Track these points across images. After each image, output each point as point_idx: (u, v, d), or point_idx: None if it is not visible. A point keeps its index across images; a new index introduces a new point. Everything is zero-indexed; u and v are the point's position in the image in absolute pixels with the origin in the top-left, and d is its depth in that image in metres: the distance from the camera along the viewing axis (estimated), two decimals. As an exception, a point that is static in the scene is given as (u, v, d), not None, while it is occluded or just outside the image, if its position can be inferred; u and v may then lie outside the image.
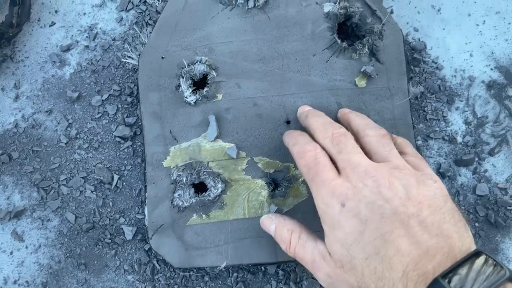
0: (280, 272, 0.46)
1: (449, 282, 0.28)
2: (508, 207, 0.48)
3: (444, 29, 0.51)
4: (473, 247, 0.31)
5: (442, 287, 0.27)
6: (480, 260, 0.29)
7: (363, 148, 0.37)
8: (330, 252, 0.33)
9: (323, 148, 0.36)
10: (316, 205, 0.35)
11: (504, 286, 0.28)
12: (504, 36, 0.51)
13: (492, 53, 0.51)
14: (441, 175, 0.48)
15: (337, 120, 0.43)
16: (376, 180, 0.32)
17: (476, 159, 0.49)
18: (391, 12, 0.51)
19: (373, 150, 0.36)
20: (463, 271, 0.28)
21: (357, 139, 0.38)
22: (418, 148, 0.48)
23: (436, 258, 0.29)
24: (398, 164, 0.34)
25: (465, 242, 0.31)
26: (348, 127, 0.40)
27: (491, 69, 0.50)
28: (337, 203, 0.33)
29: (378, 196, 0.32)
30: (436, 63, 0.50)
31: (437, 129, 0.49)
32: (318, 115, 0.40)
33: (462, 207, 0.48)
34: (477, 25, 0.51)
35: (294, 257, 0.37)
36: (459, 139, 0.49)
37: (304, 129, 0.41)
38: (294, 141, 0.39)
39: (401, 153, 0.37)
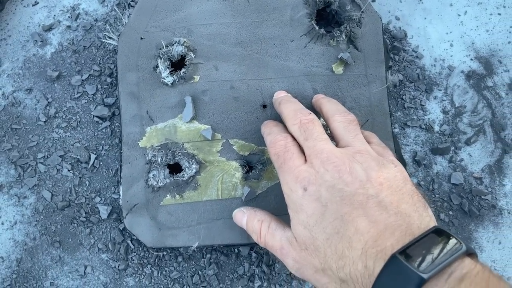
0: (253, 254, 0.46)
1: (406, 257, 0.28)
2: (482, 197, 0.48)
3: (425, 18, 0.51)
4: (433, 224, 0.31)
5: (399, 263, 0.28)
6: (438, 236, 0.29)
7: (331, 133, 0.38)
8: (295, 236, 0.34)
9: (293, 136, 0.38)
10: (283, 191, 0.36)
11: (461, 260, 0.28)
12: (485, 27, 0.51)
13: (473, 43, 0.51)
14: (417, 163, 0.48)
15: (311, 106, 0.43)
16: (337, 166, 0.33)
17: (453, 148, 0.49)
18: (373, 0, 0.51)
19: (339, 136, 0.37)
20: (420, 246, 0.29)
21: (327, 125, 0.39)
22: (395, 136, 0.48)
23: (394, 236, 0.30)
24: (361, 148, 0.35)
25: (424, 220, 0.31)
26: (320, 112, 0.41)
27: (471, 59, 0.50)
28: (300, 188, 0.34)
29: (338, 181, 0.33)
30: (416, 52, 0.50)
31: (415, 117, 0.49)
32: (290, 101, 0.41)
33: (437, 195, 0.48)
34: (459, 15, 0.51)
35: (265, 247, 0.37)
36: (436, 128, 0.49)
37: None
38: (269, 131, 0.40)
39: (367, 142, 0.38)
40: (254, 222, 0.38)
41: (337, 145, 0.37)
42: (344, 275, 0.31)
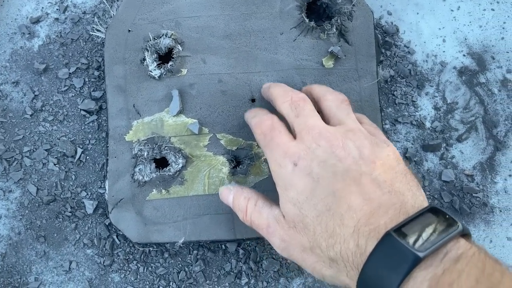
0: (241, 251, 0.46)
1: (401, 235, 0.27)
2: (473, 194, 0.47)
3: (418, 13, 0.50)
4: (426, 204, 0.31)
5: (394, 240, 0.27)
6: (433, 215, 0.29)
7: (322, 113, 0.37)
8: (283, 214, 0.33)
9: (282, 115, 0.37)
10: (270, 168, 0.35)
11: (456, 240, 0.27)
12: (479, 23, 0.50)
13: (466, 39, 0.50)
14: (408, 159, 0.48)
15: None
16: (329, 141, 0.33)
17: (444, 145, 0.48)
18: (365, -6, 0.50)
19: (331, 114, 0.36)
20: (415, 225, 0.28)
21: (317, 106, 0.38)
22: (385, 132, 0.48)
23: (388, 214, 0.29)
24: (353, 127, 0.34)
25: (418, 199, 0.31)
26: (310, 96, 0.40)
27: (464, 55, 0.50)
28: (289, 163, 0.33)
29: (331, 156, 0.32)
30: (408, 47, 0.50)
31: (406, 113, 0.48)
32: (279, 84, 0.41)
33: (427, 193, 0.47)
34: (452, 10, 0.50)
35: (251, 226, 0.36)
36: (428, 124, 0.48)
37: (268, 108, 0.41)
38: (253, 114, 0.39)
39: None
40: (240, 200, 0.37)
41: (328, 124, 0.36)
42: (334, 253, 0.30)
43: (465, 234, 0.28)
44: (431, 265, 0.26)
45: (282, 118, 0.37)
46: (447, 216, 0.29)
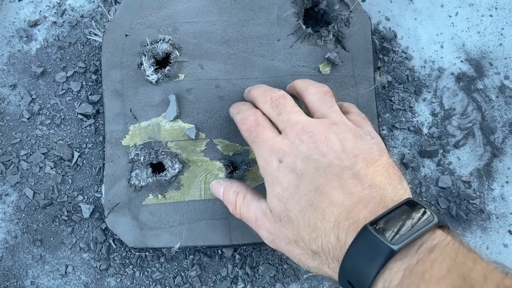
0: (237, 256, 0.46)
1: (377, 229, 0.28)
2: (470, 201, 0.47)
3: (416, 19, 0.50)
4: (406, 197, 0.31)
5: (370, 234, 0.27)
6: (411, 208, 0.29)
7: (306, 107, 0.37)
8: (270, 209, 0.34)
9: (265, 114, 0.37)
10: (258, 164, 0.35)
11: (432, 231, 0.28)
12: (477, 29, 0.50)
13: (463, 45, 0.50)
14: (405, 165, 0.48)
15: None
16: (312, 136, 0.33)
17: (441, 151, 0.48)
18: (363, 0, 0.50)
19: (314, 108, 0.37)
20: (392, 218, 0.28)
21: (301, 100, 0.38)
22: (383, 138, 0.48)
23: (367, 208, 0.30)
24: (336, 120, 0.35)
25: (398, 192, 0.31)
26: (294, 92, 0.40)
27: (461, 61, 0.50)
28: (275, 160, 0.33)
29: (314, 151, 0.32)
30: (405, 53, 0.50)
31: (403, 119, 0.48)
32: (259, 86, 0.41)
33: (424, 199, 0.47)
34: (450, 16, 0.50)
35: (241, 218, 0.37)
36: (425, 130, 0.48)
37: None
38: (237, 110, 0.39)
39: (346, 113, 0.38)
40: (230, 194, 0.38)
41: (312, 117, 0.36)
42: (316, 247, 0.31)
43: (443, 226, 0.29)
44: (406, 256, 0.27)
45: None
46: (423, 209, 0.29)
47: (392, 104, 0.48)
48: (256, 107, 0.39)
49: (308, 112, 0.37)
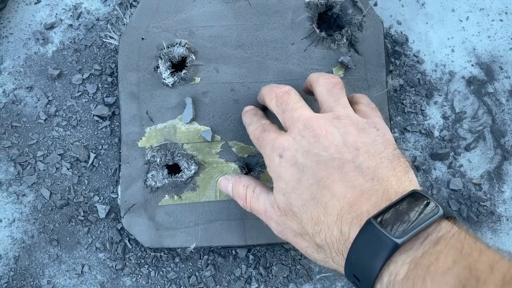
0: (251, 256, 0.46)
1: (381, 222, 0.27)
2: (481, 203, 0.48)
3: (427, 23, 0.51)
4: (411, 188, 0.30)
5: (373, 228, 0.27)
6: (415, 200, 0.29)
7: (316, 99, 0.38)
8: (276, 203, 0.35)
9: (273, 113, 0.38)
10: (266, 164, 0.36)
11: (438, 223, 0.27)
12: (487, 33, 0.51)
13: (474, 49, 0.51)
14: (416, 168, 0.48)
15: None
16: (313, 130, 0.33)
17: (452, 153, 0.49)
18: (375, 4, 0.51)
19: (322, 100, 0.37)
20: (396, 211, 0.28)
21: (313, 91, 0.39)
22: (395, 141, 0.48)
23: (370, 201, 0.29)
24: (341, 114, 0.35)
25: (402, 184, 0.31)
26: (308, 85, 0.40)
27: (472, 65, 0.50)
28: (276, 155, 0.34)
29: (314, 145, 0.33)
30: (417, 56, 0.50)
31: (415, 122, 0.49)
32: (268, 85, 0.41)
33: (435, 201, 0.48)
34: (461, 20, 0.51)
35: (251, 211, 0.38)
36: (436, 133, 0.49)
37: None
38: (249, 121, 0.40)
39: (355, 103, 0.38)
40: (239, 188, 0.38)
41: (320, 111, 0.37)
42: (320, 240, 0.31)
43: (450, 217, 0.29)
44: (411, 249, 0.26)
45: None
46: (428, 200, 0.29)
47: (404, 107, 0.49)
48: (265, 110, 0.39)
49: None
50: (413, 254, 0.26)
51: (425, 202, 0.28)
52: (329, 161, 0.32)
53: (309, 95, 0.42)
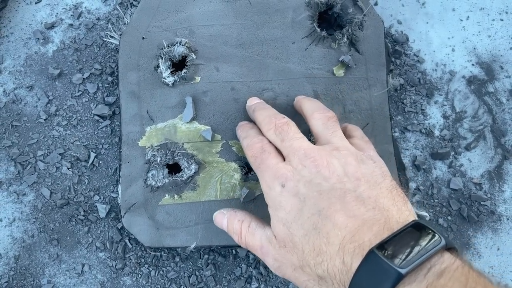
0: (251, 256, 0.46)
1: (384, 252, 0.27)
2: (481, 202, 0.48)
3: (427, 23, 0.51)
4: (412, 219, 0.31)
5: (376, 258, 0.27)
6: (417, 230, 0.29)
7: (311, 131, 0.38)
8: (275, 234, 0.34)
9: (269, 141, 0.38)
10: (262, 190, 0.36)
11: (441, 254, 0.28)
12: (487, 33, 0.51)
13: (474, 48, 0.51)
14: (417, 167, 0.48)
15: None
16: (314, 161, 0.33)
17: (452, 153, 0.49)
18: (376, 3, 0.51)
19: (318, 133, 0.37)
20: (398, 241, 0.28)
21: (307, 122, 0.39)
22: (395, 140, 0.48)
23: (372, 230, 0.29)
24: (339, 145, 0.35)
25: (403, 214, 0.31)
26: (301, 112, 0.41)
27: (473, 64, 0.50)
28: (278, 185, 0.34)
29: (316, 175, 0.33)
30: (417, 56, 0.50)
31: (415, 121, 0.49)
32: (263, 108, 0.41)
33: (436, 200, 0.48)
34: (461, 20, 0.51)
35: (246, 247, 0.37)
36: (437, 133, 0.49)
37: None
38: (245, 134, 0.40)
39: (349, 136, 0.39)
40: (234, 223, 0.38)
41: (316, 143, 0.37)
42: (322, 271, 0.30)
43: (451, 248, 0.29)
44: (415, 281, 0.26)
45: None
46: (430, 231, 0.29)
47: (404, 107, 0.49)
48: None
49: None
50: (416, 286, 0.26)
51: (427, 233, 0.29)
52: (330, 191, 0.32)
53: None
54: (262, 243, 0.35)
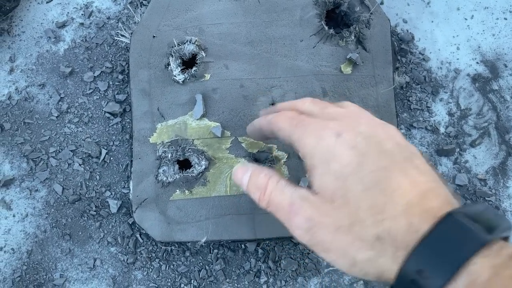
0: (260, 250, 0.47)
1: (466, 218, 0.25)
2: (486, 198, 0.49)
3: (432, 21, 0.52)
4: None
5: (458, 221, 0.25)
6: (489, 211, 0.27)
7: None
8: (318, 190, 0.30)
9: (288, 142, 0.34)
10: (301, 147, 0.31)
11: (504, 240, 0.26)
12: (492, 31, 0.52)
13: (479, 47, 0.51)
14: (422, 164, 0.49)
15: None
16: (368, 122, 0.31)
17: (458, 149, 0.50)
18: (381, 2, 0.52)
19: (314, 113, 0.34)
20: (477, 212, 0.26)
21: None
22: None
23: (438, 200, 0.27)
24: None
25: (456, 196, 0.29)
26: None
27: (477, 62, 0.51)
28: (331, 135, 0.30)
29: (374, 134, 0.30)
30: (423, 54, 0.51)
31: (421, 119, 0.50)
32: (279, 104, 0.38)
33: (441, 196, 0.49)
34: (465, 19, 0.52)
35: (267, 206, 0.32)
36: (442, 130, 0.50)
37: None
38: (266, 115, 0.36)
39: None
40: (260, 177, 0.33)
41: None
42: (382, 230, 0.28)
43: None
44: (489, 255, 0.25)
45: None
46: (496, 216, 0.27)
47: (410, 104, 0.50)
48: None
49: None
50: (492, 261, 0.24)
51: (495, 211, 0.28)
52: (391, 153, 0.29)
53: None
54: (293, 200, 0.31)
